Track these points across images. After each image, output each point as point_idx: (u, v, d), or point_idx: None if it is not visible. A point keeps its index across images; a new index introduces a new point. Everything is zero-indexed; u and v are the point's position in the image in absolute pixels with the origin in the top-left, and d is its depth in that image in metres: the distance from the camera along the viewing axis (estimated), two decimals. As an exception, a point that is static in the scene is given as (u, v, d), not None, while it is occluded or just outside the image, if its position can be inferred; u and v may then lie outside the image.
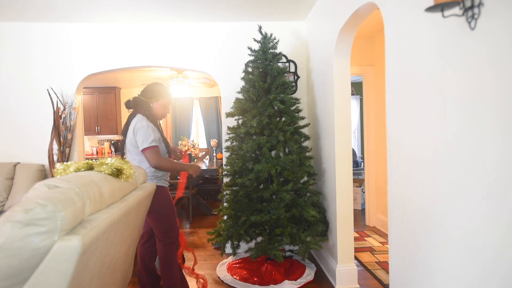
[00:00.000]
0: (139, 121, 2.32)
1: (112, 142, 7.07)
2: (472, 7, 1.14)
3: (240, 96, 3.34)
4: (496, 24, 1.07)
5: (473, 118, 1.19)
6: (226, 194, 3.05)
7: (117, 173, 1.63)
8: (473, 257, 1.23)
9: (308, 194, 2.91)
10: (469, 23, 1.16)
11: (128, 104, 2.46)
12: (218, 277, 2.96)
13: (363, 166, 6.22)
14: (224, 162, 3.26)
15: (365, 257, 3.36)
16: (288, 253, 3.27)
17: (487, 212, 1.15)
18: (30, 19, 3.46)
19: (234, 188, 2.98)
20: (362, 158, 6.87)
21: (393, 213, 1.85)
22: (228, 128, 3.08)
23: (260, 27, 3.04)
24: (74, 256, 1.04)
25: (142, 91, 2.45)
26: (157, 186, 2.32)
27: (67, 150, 3.49)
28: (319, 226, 2.83)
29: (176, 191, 2.80)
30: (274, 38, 3.03)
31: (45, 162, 3.54)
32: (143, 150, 2.26)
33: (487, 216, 1.15)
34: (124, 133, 2.39)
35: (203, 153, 6.63)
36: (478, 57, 1.16)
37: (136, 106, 2.44)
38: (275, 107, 2.90)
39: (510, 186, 1.05)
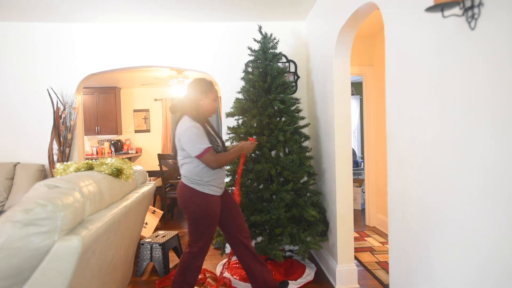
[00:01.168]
0: (183, 124, 2.20)
1: (112, 142, 7.07)
2: (472, 7, 1.14)
3: (240, 96, 3.34)
4: (496, 24, 1.07)
5: (473, 118, 1.19)
6: (226, 194, 3.04)
7: (117, 173, 1.63)
8: (473, 257, 1.23)
9: (308, 194, 2.91)
10: (469, 23, 1.17)
11: (174, 109, 2.34)
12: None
13: (363, 166, 6.22)
14: (224, 162, 3.26)
15: (365, 257, 3.36)
16: (288, 253, 3.27)
17: (486, 211, 1.15)
18: (30, 19, 3.46)
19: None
20: (362, 158, 6.86)
21: (393, 213, 1.85)
22: (228, 128, 3.08)
23: (260, 27, 3.04)
24: (74, 256, 1.04)
25: (189, 91, 2.30)
26: (201, 192, 2.19)
27: (67, 150, 3.49)
28: (319, 226, 2.83)
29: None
30: (274, 38, 3.03)
31: (45, 162, 3.54)
32: (198, 157, 2.14)
33: (487, 216, 1.15)
34: (174, 137, 2.29)
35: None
36: (477, 57, 1.16)
37: (184, 108, 2.29)
38: (275, 107, 2.90)
39: (507, 184, 1.05)
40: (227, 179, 3.26)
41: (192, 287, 2.31)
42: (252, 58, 3.13)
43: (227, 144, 3.15)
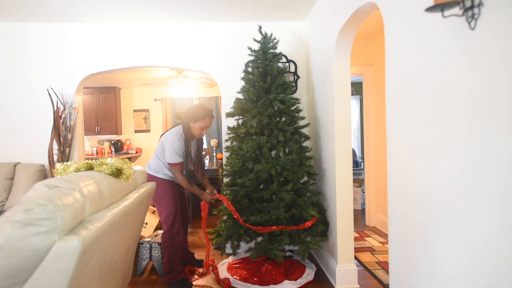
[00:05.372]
0: (172, 135, 2.78)
1: (112, 142, 7.07)
2: (472, 7, 1.14)
3: (240, 96, 3.34)
4: (496, 24, 1.07)
5: (472, 118, 1.19)
6: (226, 194, 3.04)
7: (117, 173, 1.63)
8: (473, 257, 1.23)
9: (308, 194, 2.91)
10: (469, 23, 1.17)
11: (177, 116, 2.93)
12: (218, 277, 2.96)
13: (363, 166, 6.22)
14: (224, 162, 3.26)
15: (365, 257, 3.36)
16: (288, 253, 3.27)
17: (487, 212, 1.15)
18: (31, 19, 3.45)
19: (234, 188, 2.98)
20: (362, 158, 6.87)
21: (393, 213, 1.85)
22: (228, 128, 3.08)
23: (260, 27, 3.04)
24: (74, 256, 1.04)
25: (185, 111, 2.88)
26: (159, 178, 2.82)
27: (67, 150, 3.49)
28: (319, 226, 2.83)
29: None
30: (274, 38, 3.03)
31: (45, 162, 3.54)
32: (168, 163, 2.77)
33: (488, 216, 1.15)
34: (163, 133, 2.90)
35: (203, 153, 6.62)
36: (477, 57, 1.16)
37: (181, 119, 2.90)
38: (275, 107, 2.90)
39: (509, 185, 1.05)
40: (227, 179, 3.27)
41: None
42: (252, 58, 3.13)
43: (228, 144, 3.16)
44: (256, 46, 3.19)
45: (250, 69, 3.45)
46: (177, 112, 2.95)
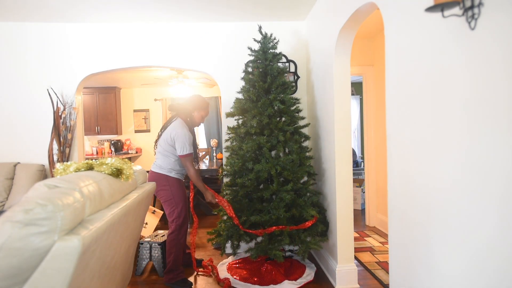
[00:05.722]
0: (179, 127, 2.81)
1: (112, 142, 7.07)
2: (472, 7, 1.14)
3: (240, 96, 3.34)
4: (496, 24, 1.07)
5: (472, 118, 1.19)
6: (226, 194, 3.04)
7: (117, 173, 1.63)
8: (473, 257, 1.23)
9: (308, 194, 2.91)
10: (469, 23, 1.17)
11: (172, 108, 3.00)
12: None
13: (363, 166, 6.22)
14: (224, 162, 3.26)
15: (365, 257, 3.36)
16: (288, 253, 3.27)
17: (487, 212, 1.15)
18: (31, 19, 3.45)
19: (234, 188, 2.98)
20: (362, 158, 6.87)
21: (393, 213, 1.85)
22: (228, 128, 3.08)
23: (260, 27, 3.04)
24: (74, 256, 1.04)
25: (188, 100, 2.96)
26: (172, 177, 2.85)
27: (67, 150, 3.49)
28: (318, 226, 2.83)
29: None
30: (274, 38, 3.03)
31: (45, 162, 3.54)
32: (180, 156, 2.78)
33: (488, 216, 1.15)
34: (163, 129, 2.92)
35: (203, 153, 6.63)
36: (477, 57, 1.16)
37: (179, 111, 2.95)
38: (275, 107, 2.89)
39: (509, 185, 1.05)
40: (227, 179, 3.27)
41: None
42: (252, 58, 3.13)
43: (228, 144, 3.17)
44: (256, 46, 3.19)
45: (250, 69, 3.45)
46: (170, 104, 3.01)
